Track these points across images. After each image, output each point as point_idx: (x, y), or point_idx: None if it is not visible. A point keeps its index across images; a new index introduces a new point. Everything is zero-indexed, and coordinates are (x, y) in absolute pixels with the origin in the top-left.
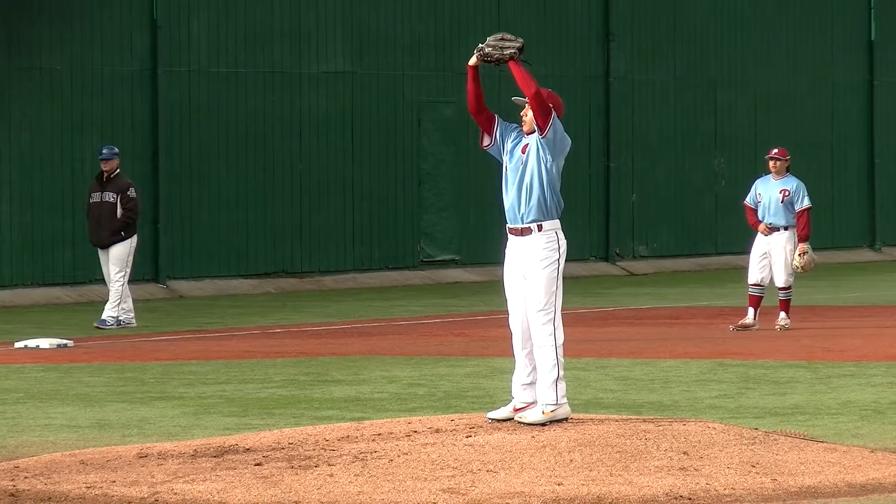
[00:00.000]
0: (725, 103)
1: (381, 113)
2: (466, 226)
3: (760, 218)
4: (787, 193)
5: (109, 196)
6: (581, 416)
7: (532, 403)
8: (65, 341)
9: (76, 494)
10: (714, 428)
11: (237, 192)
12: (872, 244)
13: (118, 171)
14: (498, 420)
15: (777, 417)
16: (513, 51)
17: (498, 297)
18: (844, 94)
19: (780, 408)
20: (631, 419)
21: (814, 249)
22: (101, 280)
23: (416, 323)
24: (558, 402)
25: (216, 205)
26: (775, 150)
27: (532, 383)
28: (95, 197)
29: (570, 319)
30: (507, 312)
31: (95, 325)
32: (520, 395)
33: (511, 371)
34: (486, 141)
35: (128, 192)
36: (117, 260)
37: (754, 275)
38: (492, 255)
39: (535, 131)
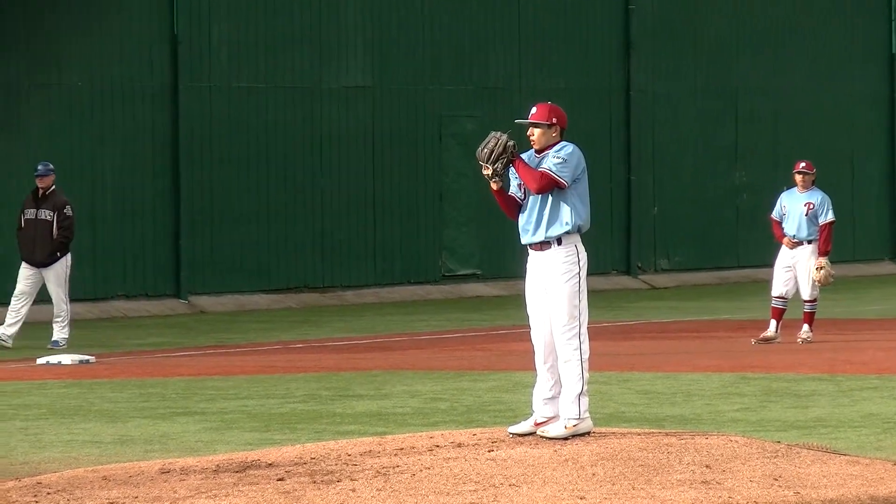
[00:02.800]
0: (746, 115)
1: (401, 127)
2: (487, 240)
3: (786, 230)
4: (811, 206)
5: (45, 213)
6: (603, 429)
7: (554, 418)
8: (87, 357)
9: None
10: (736, 441)
11: (258, 206)
12: (894, 257)
13: (53, 187)
14: (519, 434)
15: (799, 430)
16: (509, 153)
17: (520, 310)
18: (865, 106)
19: (802, 421)
20: (653, 433)
21: (834, 262)
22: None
23: (438, 337)
24: (581, 416)
25: (237, 220)
26: (803, 164)
27: (553, 398)
28: (30, 213)
29: (592, 333)
30: (528, 326)
31: (49, 347)
32: (541, 410)
33: (532, 385)
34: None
35: (64, 211)
36: (59, 280)
37: (778, 287)
38: (513, 269)
39: (543, 150)
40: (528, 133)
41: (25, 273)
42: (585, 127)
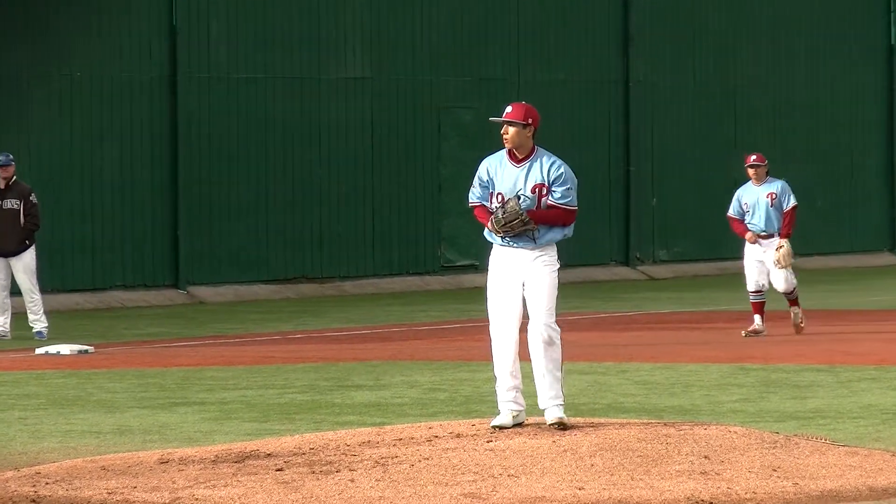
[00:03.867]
0: (745, 108)
1: (400, 119)
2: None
3: (752, 228)
4: (774, 196)
5: (11, 203)
6: (602, 420)
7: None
8: (85, 347)
9: (97, 500)
10: (735, 432)
11: (257, 198)
12: (893, 248)
13: (15, 177)
14: (501, 427)
15: (798, 421)
16: (520, 219)
17: None
18: (865, 99)
19: (801, 411)
20: (652, 423)
21: (834, 254)
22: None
23: (437, 328)
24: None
25: (236, 211)
26: (753, 157)
27: (518, 388)
28: None
29: (590, 324)
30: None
31: (36, 337)
32: (516, 401)
33: (492, 379)
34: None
35: (30, 198)
36: (29, 270)
37: (752, 282)
38: None
39: (525, 153)
40: (501, 131)
41: None
42: (585, 118)
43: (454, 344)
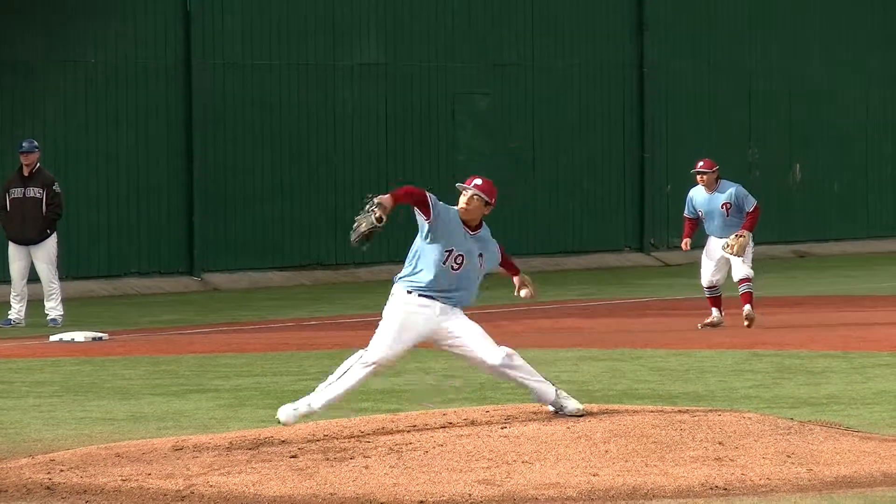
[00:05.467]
0: (760, 94)
1: (415, 105)
2: (500, 217)
3: (712, 232)
4: (729, 206)
5: (35, 191)
6: (616, 406)
7: None
8: (100, 334)
9: (112, 487)
10: (749, 418)
11: (272, 184)
12: None
13: (39, 164)
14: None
15: (812, 407)
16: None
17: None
18: (879, 84)
19: (815, 398)
20: (666, 410)
21: (848, 240)
22: (37, 279)
23: None
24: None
25: (251, 197)
26: (701, 163)
27: None
28: (17, 192)
29: (605, 310)
30: (533, 304)
31: (49, 326)
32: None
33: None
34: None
35: (53, 188)
36: (49, 258)
37: (706, 279)
38: (526, 245)
39: (478, 229)
40: (466, 200)
41: (15, 254)
42: (599, 104)
43: None
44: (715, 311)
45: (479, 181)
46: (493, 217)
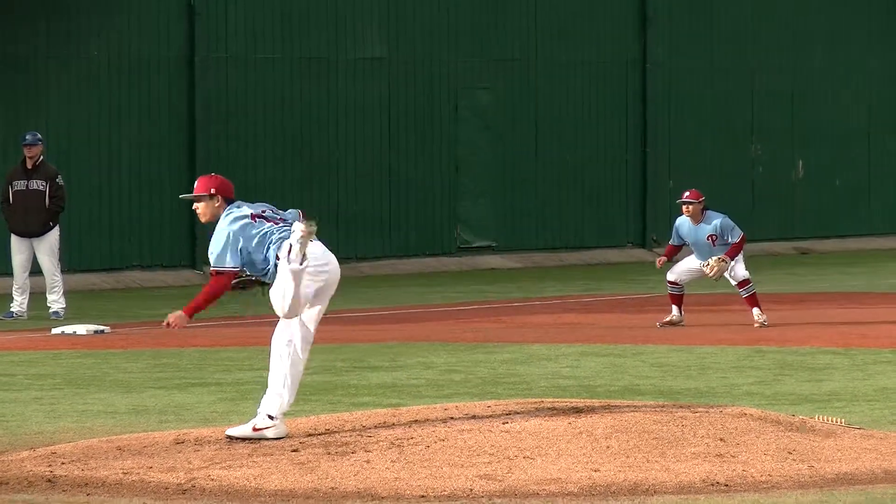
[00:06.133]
0: (762, 89)
1: (417, 99)
2: (503, 212)
3: (699, 258)
4: (714, 238)
5: (38, 184)
6: (618, 402)
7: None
8: (101, 327)
9: (113, 480)
10: (751, 415)
11: (274, 178)
12: None
13: (42, 157)
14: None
15: (813, 404)
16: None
17: (535, 283)
18: (882, 82)
19: (816, 394)
20: (667, 406)
21: (851, 236)
22: (39, 271)
23: (453, 309)
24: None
25: (253, 191)
26: (687, 194)
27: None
28: (20, 185)
29: (607, 305)
30: (533, 300)
31: (52, 317)
32: None
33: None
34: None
35: (57, 180)
36: (51, 251)
37: (675, 274)
38: (528, 241)
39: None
40: (193, 207)
41: (18, 246)
42: (601, 99)
43: (470, 325)
44: (675, 308)
45: (196, 183)
46: (498, 213)
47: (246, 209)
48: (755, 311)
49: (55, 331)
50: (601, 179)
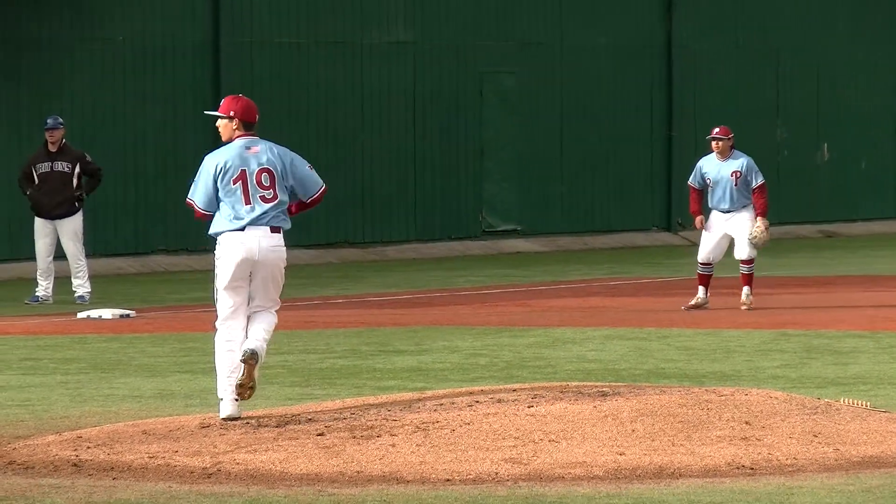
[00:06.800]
0: (788, 73)
1: (442, 83)
2: (528, 196)
3: (716, 204)
4: (738, 175)
5: (63, 165)
6: (643, 385)
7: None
8: (127, 312)
9: (139, 464)
10: (776, 398)
11: None
12: None
13: (64, 140)
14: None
15: (839, 387)
16: None
17: (560, 266)
18: None
19: (842, 377)
20: (693, 389)
21: (876, 219)
22: (55, 256)
23: (478, 293)
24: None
25: None
26: (717, 130)
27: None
28: (44, 167)
29: (632, 289)
30: (560, 283)
31: (77, 303)
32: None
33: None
34: None
35: (86, 158)
36: (76, 235)
37: (704, 254)
38: (553, 225)
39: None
40: (217, 124)
41: (42, 230)
42: (627, 83)
43: (495, 309)
44: (702, 290)
45: (222, 101)
46: (523, 197)
47: (236, 160)
48: (746, 289)
49: (81, 315)
50: (626, 163)
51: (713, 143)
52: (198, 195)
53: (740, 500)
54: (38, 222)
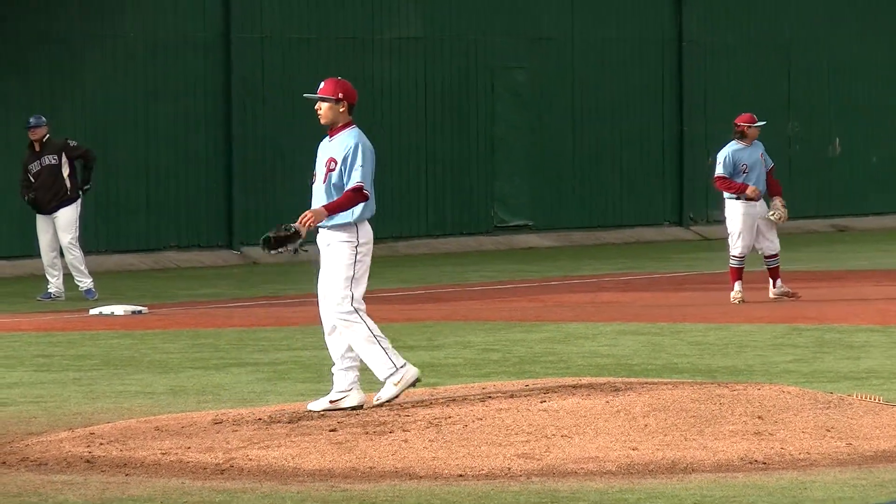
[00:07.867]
0: (799, 66)
1: (453, 78)
2: (539, 191)
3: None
4: (764, 158)
5: (50, 159)
6: (655, 380)
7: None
8: (139, 308)
9: (151, 461)
10: (789, 392)
11: (310, 158)
12: None
13: (48, 136)
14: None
15: (852, 381)
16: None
17: (572, 262)
18: None
19: (854, 372)
20: (705, 384)
21: (888, 213)
22: (59, 251)
23: (490, 288)
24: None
25: (290, 171)
26: (746, 117)
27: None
28: (34, 167)
29: (644, 284)
30: (569, 279)
31: (86, 298)
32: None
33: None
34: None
35: (70, 144)
36: (68, 226)
37: (746, 245)
38: (565, 220)
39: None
40: (315, 107)
41: (42, 226)
42: (638, 77)
43: (507, 304)
44: (738, 284)
45: (322, 84)
46: (535, 192)
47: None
48: (778, 281)
49: (93, 311)
50: (638, 157)
51: (753, 130)
52: (368, 180)
53: (753, 495)
54: (38, 219)
